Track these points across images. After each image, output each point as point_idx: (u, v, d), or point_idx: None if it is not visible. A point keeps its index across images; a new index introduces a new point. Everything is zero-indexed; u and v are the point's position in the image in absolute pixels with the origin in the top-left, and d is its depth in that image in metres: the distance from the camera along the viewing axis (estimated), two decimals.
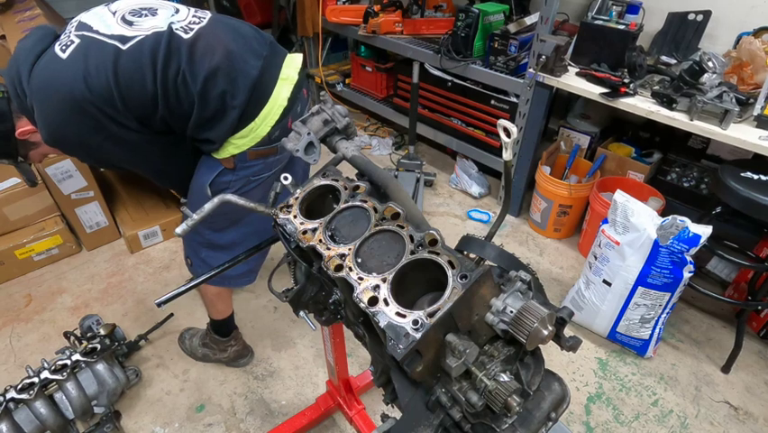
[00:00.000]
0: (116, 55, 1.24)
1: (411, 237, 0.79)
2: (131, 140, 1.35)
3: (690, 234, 1.82)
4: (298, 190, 0.96)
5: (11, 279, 2.58)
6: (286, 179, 0.98)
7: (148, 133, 1.36)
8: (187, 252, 1.71)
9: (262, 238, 1.17)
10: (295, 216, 0.92)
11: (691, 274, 1.92)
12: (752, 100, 2.01)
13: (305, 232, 0.88)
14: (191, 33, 1.30)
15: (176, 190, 1.64)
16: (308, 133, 1.01)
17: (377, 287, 0.75)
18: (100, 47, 1.25)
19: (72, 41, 1.26)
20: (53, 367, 1.68)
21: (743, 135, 1.91)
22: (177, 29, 1.30)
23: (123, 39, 1.26)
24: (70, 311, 2.40)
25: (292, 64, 1.43)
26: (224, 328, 2.02)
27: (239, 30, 1.39)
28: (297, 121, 1.03)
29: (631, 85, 2.20)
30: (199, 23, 1.34)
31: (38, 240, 2.57)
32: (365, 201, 0.87)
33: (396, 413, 0.84)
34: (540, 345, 0.73)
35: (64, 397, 1.70)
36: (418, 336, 0.67)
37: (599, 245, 2.11)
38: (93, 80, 1.22)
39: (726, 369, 2.15)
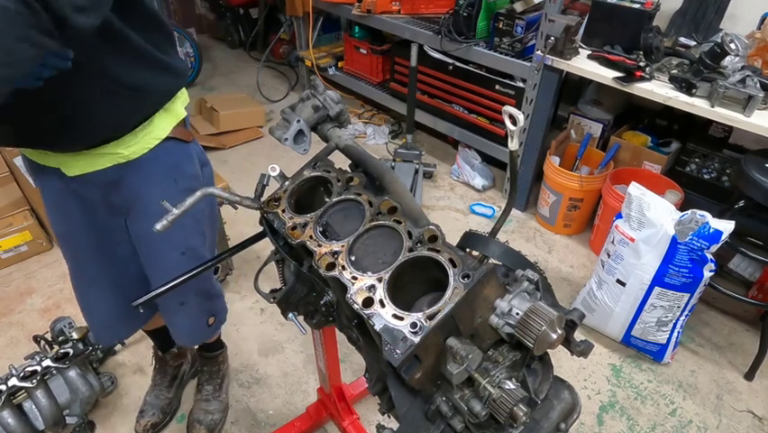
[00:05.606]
0: None
1: (409, 233, 0.78)
2: None
3: (711, 230, 1.82)
4: (287, 182, 0.96)
5: None
6: (273, 170, 0.97)
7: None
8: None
9: None
10: (283, 211, 0.91)
11: (712, 273, 1.92)
12: None
13: (294, 227, 0.87)
14: None
15: None
16: (298, 121, 1.00)
17: (372, 287, 0.74)
18: None
19: None
20: (22, 374, 1.68)
21: None
22: None
23: None
24: (40, 313, 2.39)
25: None
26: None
27: None
28: (285, 108, 1.03)
29: (647, 68, 2.20)
30: None
31: (5, 236, 2.55)
32: (359, 194, 0.87)
33: (393, 424, 0.84)
34: (548, 351, 0.73)
35: (33, 406, 1.69)
36: (417, 339, 0.67)
37: (613, 242, 2.12)
38: None
39: (749, 376, 2.16)
